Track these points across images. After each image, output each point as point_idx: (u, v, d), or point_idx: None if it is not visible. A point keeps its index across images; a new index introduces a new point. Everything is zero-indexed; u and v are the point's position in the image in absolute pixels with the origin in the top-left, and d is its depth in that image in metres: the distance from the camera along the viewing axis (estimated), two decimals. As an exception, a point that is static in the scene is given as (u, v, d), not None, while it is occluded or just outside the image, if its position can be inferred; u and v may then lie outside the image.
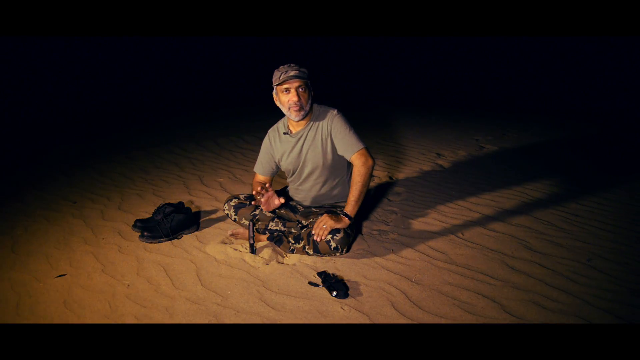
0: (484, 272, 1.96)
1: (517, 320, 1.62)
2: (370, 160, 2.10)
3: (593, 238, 2.24)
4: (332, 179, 2.27)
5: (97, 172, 3.73)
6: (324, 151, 2.18)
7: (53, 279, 2.05)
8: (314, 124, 2.18)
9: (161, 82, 9.37)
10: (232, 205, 2.39)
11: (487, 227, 2.40)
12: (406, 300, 1.77)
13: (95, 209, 2.91)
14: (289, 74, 2.01)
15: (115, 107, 7.10)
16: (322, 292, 1.85)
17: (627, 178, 3.12)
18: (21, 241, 2.46)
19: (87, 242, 2.43)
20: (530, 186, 3.00)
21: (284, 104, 2.10)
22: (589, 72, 8.31)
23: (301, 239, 2.13)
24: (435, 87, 8.12)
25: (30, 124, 5.94)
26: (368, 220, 2.56)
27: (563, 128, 4.80)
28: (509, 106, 6.16)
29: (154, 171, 3.72)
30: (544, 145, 4.17)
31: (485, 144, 4.24)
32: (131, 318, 1.73)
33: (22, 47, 9.97)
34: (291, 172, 2.32)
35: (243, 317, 1.71)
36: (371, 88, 8.29)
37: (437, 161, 3.73)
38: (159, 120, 6.00)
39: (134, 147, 4.51)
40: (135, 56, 11.23)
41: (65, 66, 9.90)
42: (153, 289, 1.94)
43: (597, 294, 1.75)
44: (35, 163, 4.07)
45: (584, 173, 3.28)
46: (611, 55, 9.15)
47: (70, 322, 1.73)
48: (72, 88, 8.57)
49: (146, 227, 2.41)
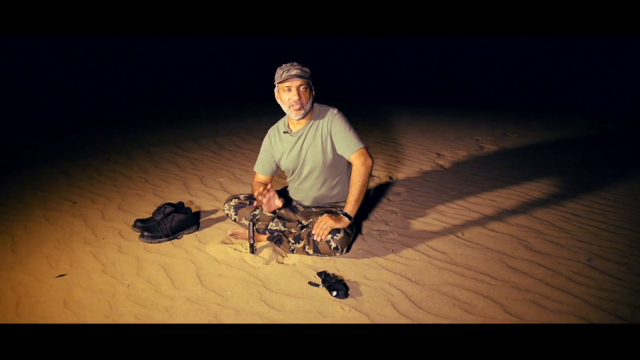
0: (484, 272, 1.96)
1: (517, 320, 1.62)
2: (369, 160, 2.10)
3: (593, 238, 2.24)
4: (331, 179, 2.27)
5: (97, 172, 3.72)
6: (324, 150, 2.18)
7: (53, 279, 2.05)
8: (314, 123, 2.18)
9: (161, 82, 9.37)
10: (232, 205, 2.39)
11: (487, 227, 2.40)
12: (406, 300, 1.77)
13: (95, 209, 2.91)
14: (291, 72, 2.01)
15: (115, 107, 7.10)
16: (322, 292, 1.85)
17: (627, 178, 3.12)
18: (21, 241, 2.46)
19: (87, 242, 2.43)
20: (530, 186, 3.00)
21: (285, 102, 2.10)
22: (590, 72, 8.31)
23: (301, 239, 2.13)
24: (436, 87, 8.12)
25: (30, 124, 5.94)
26: (368, 220, 2.56)
27: (563, 128, 4.80)
28: (509, 106, 6.16)
29: (154, 171, 3.72)
30: (544, 145, 4.17)
31: (485, 144, 4.24)
32: (131, 318, 1.73)
33: (22, 47, 9.96)
34: (291, 171, 2.32)
35: (243, 317, 1.71)
36: (371, 88, 8.28)
37: (437, 161, 3.73)
38: (159, 120, 6.00)
39: (134, 147, 4.51)
40: (135, 56, 11.23)
41: (65, 66, 9.90)
42: (153, 289, 1.94)
43: (597, 294, 1.75)
44: (35, 163, 4.07)
45: (584, 173, 3.28)
46: (611, 55, 9.15)
47: (70, 322, 1.73)
48: (72, 88, 8.57)
49: (146, 227, 2.41)
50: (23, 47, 9.83)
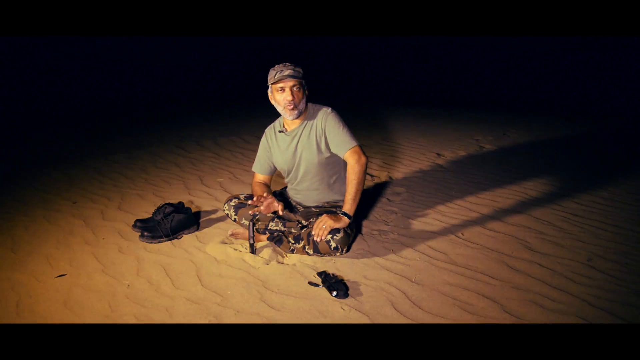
0: (484, 272, 1.96)
1: (517, 320, 1.62)
2: (363, 158, 2.10)
3: (593, 238, 2.24)
4: (328, 177, 2.27)
5: (97, 172, 3.73)
6: (319, 149, 2.18)
7: (53, 279, 2.05)
8: (308, 122, 2.19)
9: (161, 82, 9.38)
10: (232, 205, 2.39)
11: (487, 227, 2.40)
12: (406, 300, 1.77)
13: (95, 209, 2.91)
14: (283, 73, 2.03)
15: (116, 106, 7.10)
16: (322, 292, 1.85)
17: (627, 178, 3.12)
18: (21, 241, 2.46)
19: (87, 242, 2.43)
20: (530, 186, 3.00)
21: (279, 102, 2.11)
22: (590, 72, 8.31)
23: (301, 239, 2.13)
24: (436, 87, 8.12)
25: (31, 124, 5.94)
26: (368, 220, 2.56)
27: (563, 128, 4.80)
28: (510, 106, 6.16)
29: (154, 171, 3.72)
30: (545, 145, 4.17)
31: (486, 144, 4.24)
32: (131, 318, 1.73)
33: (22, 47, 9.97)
34: (287, 171, 2.32)
35: (243, 317, 1.71)
36: (371, 88, 8.28)
37: (437, 161, 3.73)
38: (159, 120, 6.00)
39: (134, 147, 4.51)
40: (135, 56, 11.23)
41: (65, 66, 9.90)
42: (153, 289, 1.94)
43: (597, 294, 1.75)
44: (35, 163, 4.07)
45: (584, 173, 3.29)
46: (611, 55, 9.15)
47: (70, 322, 1.73)
48: (72, 88, 8.57)
49: (146, 227, 2.41)
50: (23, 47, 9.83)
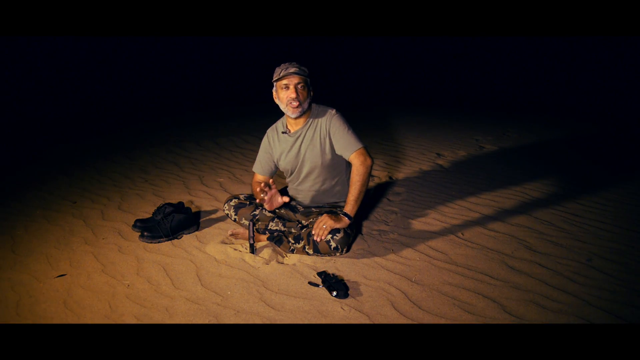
0: (484, 272, 1.96)
1: (517, 320, 1.62)
2: (368, 160, 2.10)
3: (593, 238, 2.24)
4: (331, 179, 2.27)
5: (97, 172, 3.73)
6: (323, 150, 2.18)
7: (53, 279, 2.05)
8: (312, 123, 2.18)
9: (161, 82, 9.37)
10: (232, 205, 2.39)
11: (487, 227, 2.40)
12: (406, 300, 1.77)
13: (95, 209, 2.91)
14: (288, 70, 2.03)
15: (115, 106, 7.10)
16: (322, 292, 1.85)
17: (627, 178, 3.12)
18: (21, 241, 2.46)
19: (87, 242, 2.43)
20: (530, 186, 3.00)
21: (283, 100, 2.10)
22: (589, 71, 8.31)
23: (301, 239, 2.13)
24: (436, 87, 8.12)
25: (31, 124, 5.94)
26: (368, 220, 2.56)
27: (563, 128, 4.80)
28: (509, 106, 6.15)
29: (154, 171, 3.72)
30: (544, 145, 4.17)
31: (485, 144, 4.24)
32: (131, 318, 1.73)
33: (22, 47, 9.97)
34: (290, 171, 2.32)
35: (243, 317, 1.71)
36: (371, 88, 8.29)
37: (437, 161, 3.73)
38: (159, 120, 6.00)
39: (134, 147, 4.51)
40: (135, 56, 11.23)
41: (65, 66, 9.90)
42: (153, 289, 1.94)
43: (597, 294, 1.75)
44: (35, 163, 4.07)
45: (584, 173, 3.28)
46: (611, 55, 9.15)
47: (70, 322, 1.73)
48: (72, 87, 8.57)
49: (146, 227, 2.41)
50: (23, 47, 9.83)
